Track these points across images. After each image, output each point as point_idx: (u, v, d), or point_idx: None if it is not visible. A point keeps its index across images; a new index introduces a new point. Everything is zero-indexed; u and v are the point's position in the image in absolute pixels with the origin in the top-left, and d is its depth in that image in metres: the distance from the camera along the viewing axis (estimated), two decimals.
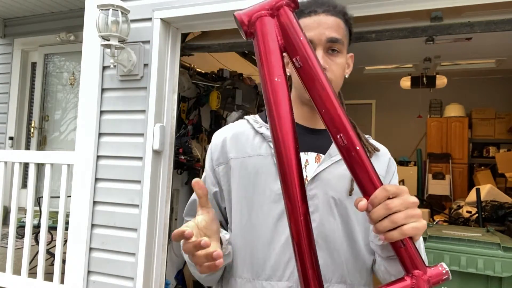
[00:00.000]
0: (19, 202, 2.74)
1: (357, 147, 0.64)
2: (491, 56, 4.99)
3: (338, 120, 0.65)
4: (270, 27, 0.67)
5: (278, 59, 0.67)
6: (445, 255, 2.12)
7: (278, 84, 0.66)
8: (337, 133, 0.65)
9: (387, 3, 1.96)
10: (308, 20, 0.87)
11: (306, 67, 0.67)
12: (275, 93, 0.67)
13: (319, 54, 0.85)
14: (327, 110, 0.66)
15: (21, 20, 4.86)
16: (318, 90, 0.67)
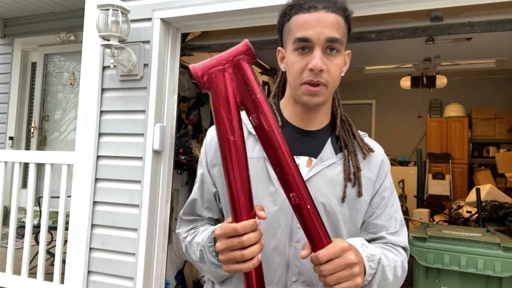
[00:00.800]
0: (19, 202, 2.74)
1: (308, 206, 0.69)
2: (491, 56, 4.98)
3: (291, 179, 0.68)
4: (226, 84, 0.66)
5: (234, 117, 0.66)
6: (445, 255, 2.12)
7: (233, 143, 0.66)
8: (289, 192, 0.69)
9: (387, 3, 1.96)
10: (307, 17, 0.82)
11: (261, 125, 0.67)
12: (230, 153, 0.67)
13: (317, 55, 0.81)
14: (281, 169, 0.68)
15: (21, 20, 4.85)
16: (273, 149, 0.68)
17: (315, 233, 0.69)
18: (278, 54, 0.94)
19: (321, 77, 0.82)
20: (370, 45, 4.10)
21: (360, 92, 7.32)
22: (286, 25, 0.88)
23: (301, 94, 0.85)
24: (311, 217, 0.68)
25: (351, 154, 0.90)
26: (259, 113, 0.66)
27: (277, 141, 0.67)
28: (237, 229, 0.68)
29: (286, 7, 0.88)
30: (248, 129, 0.91)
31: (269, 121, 0.67)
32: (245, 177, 0.68)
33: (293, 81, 0.87)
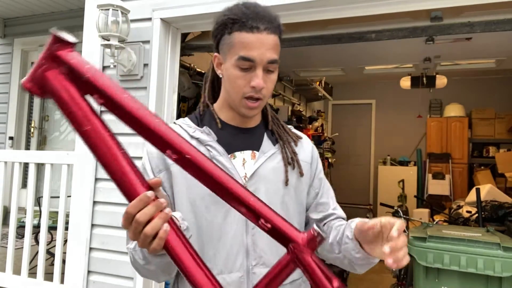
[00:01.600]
0: (19, 202, 2.74)
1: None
2: (491, 56, 4.98)
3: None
4: (56, 81, 0.60)
5: (80, 108, 0.60)
6: (445, 255, 2.12)
7: (89, 132, 0.61)
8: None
9: (387, 3, 1.96)
10: (251, 37, 0.88)
11: (110, 103, 0.62)
12: (91, 142, 0.61)
13: (259, 74, 0.89)
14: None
15: (21, 20, 4.86)
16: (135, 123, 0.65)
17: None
18: (214, 59, 0.99)
19: (261, 93, 0.92)
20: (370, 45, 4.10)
21: (360, 92, 7.33)
22: (227, 37, 0.92)
23: (241, 107, 0.94)
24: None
25: (285, 143, 1.02)
26: (99, 90, 0.59)
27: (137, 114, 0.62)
28: (129, 211, 0.63)
29: (226, 18, 0.91)
30: (190, 134, 0.96)
31: (116, 93, 0.60)
32: (117, 156, 0.63)
33: (234, 94, 0.93)
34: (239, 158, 0.97)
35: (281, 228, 0.63)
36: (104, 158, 0.62)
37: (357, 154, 7.44)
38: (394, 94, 6.89)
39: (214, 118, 0.99)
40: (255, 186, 0.93)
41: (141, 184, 0.63)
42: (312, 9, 2.05)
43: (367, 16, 2.06)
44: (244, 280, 0.91)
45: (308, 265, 0.61)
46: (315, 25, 2.32)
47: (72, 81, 0.59)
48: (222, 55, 0.95)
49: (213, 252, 0.91)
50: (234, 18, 0.90)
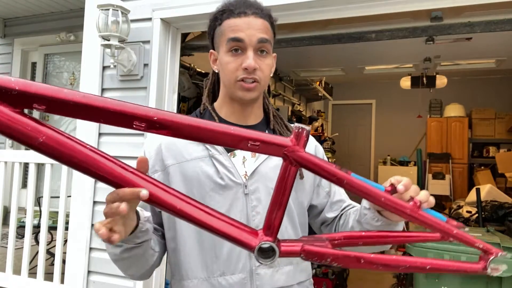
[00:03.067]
0: (19, 202, 2.74)
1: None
2: (491, 56, 4.99)
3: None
4: None
5: (24, 123, 0.53)
6: (445, 255, 2.13)
7: (46, 141, 0.54)
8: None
9: (387, 3, 1.96)
10: (238, 21, 0.90)
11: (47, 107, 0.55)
12: (52, 150, 0.55)
13: (250, 55, 0.88)
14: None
15: (21, 20, 4.85)
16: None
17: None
18: (210, 56, 1.01)
19: (255, 74, 0.90)
20: (370, 45, 4.10)
21: (360, 92, 7.33)
22: (218, 28, 0.95)
23: (237, 90, 0.92)
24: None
25: None
26: (35, 96, 0.53)
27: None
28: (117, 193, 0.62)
29: (216, 12, 0.95)
30: None
31: (55, 92, 0.53)
32: (88, 153, 0.57)
33: (228, 80, 0.93)
34: (239, 156, 0.95)
35: (269, 141, 0.62)
36: (75, 159, 0.56)
37: (357, 154, 7.44)
38: (394, 94, 6.89)
39: (213, 116, 0.98)
40: (255, 185, 0.92)
41: (126, 170, 0.60)
42: (312, 9, 2.05)
43: (367, 16, 2.05)
44: (248, 282, 0.89)
45: (304, 158, 0.62)
46: (315, 25, 2.32)
47: (4, 102, 0.52)
48: (216, 49, 0.97)
49: (214, 254, 0.90)
50: (223, 9, 0.93)
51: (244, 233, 0.63)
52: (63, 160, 0.56)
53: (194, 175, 0.91)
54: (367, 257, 0.63)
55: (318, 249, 0.63)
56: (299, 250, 0.62)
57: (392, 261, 0.64)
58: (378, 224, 0.84)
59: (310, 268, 1.03)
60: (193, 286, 0.91)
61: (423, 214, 0.66)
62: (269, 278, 0.90)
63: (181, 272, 0.93)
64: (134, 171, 0.62)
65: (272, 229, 0.64)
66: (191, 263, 0.91)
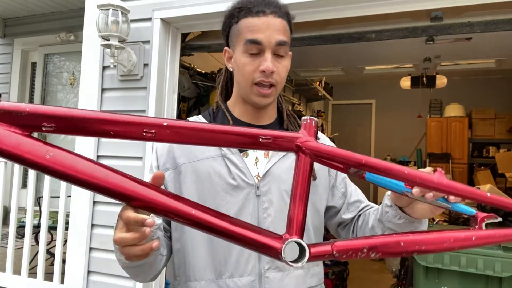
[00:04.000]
0: (19, 202, 2.74)
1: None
2: (491, 56, 4.99)
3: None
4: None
5: (32, 143, 0.52)
6: (445, 255, 2.12)
7: (54, 157, 0.53)
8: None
9: (387, 3, 1.96)
10: (257, 21, 0.87)
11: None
12: (59, 167, 0.54)
13: (268, 57, 0.86)
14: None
15: (21, 20, 4.85)
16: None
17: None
18: (224, 54, 0.97)
19: (272, 78, 0.87)
20: (370, 45, 4.10)
21: (360, 92, 7.32)
22: (234, 26, 0.91)
23: (252, 95, 0.90)
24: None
25: None
26: (44, 115, 0.53)
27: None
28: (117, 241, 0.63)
29: (233, 9, 0.92)
30: None
31: (64, 111, 0.53)
32: (98, 167, 0.57)
33: (244, 82, 0.90)
34: (252, 157, 0.93)
35: (280, 136, 0.62)
36: (84, 174, 0.55)
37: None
38: (394, 94, 6.89)
39: (227, 115, 0.96)
40: (267, 186, 0.90)
41: (138, 183, 0.57)
42: (312, 9, 2.05)
43: (367, 16, 2.05)
44: (256, 285, 0.88)
45: (317, 147, 0.61)
46: (315, 25, 2.32)
47: (12, 124, 0.52)
48: (232, 47, 0.94)
49: (223, 255, 0.88)
50: (240, 7, 0.90)
51: (266, 237, 0.59)
52: (70, 178, 0.55)
53: (205, 175, 0.90)
54: (407, 239, 0.59)
55: (351, 242, 0.59)
56: (331, 249, 0.59)
57: (436, 239, 0.60)
58: (401, 222, 0.82)
59: (322, 273, 1.01)
60: (200, 287, 0.89)
61: (451, 183, 0.61)
62: (278, 282, 0.88)
63: (187, 273, 0.91)
64: (151, 186, 0.58)
65: (297, 227, 0.60)
66: (199, 264, 0.89)
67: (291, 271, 0.90)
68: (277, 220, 0.89)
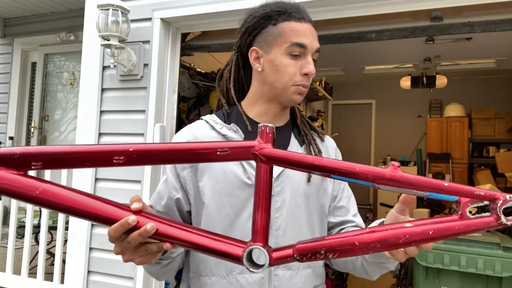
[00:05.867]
0: (19, 202, 2.74)
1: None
2: (491, 56, 4.99)
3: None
4: None
5: (21, 182, 0.59)
6: (445, 255, 2.12)
7: (42, 193, 0.60)
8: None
9: (387, 3, 1.96)
10: (300, 26, 0.91)
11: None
12: (49, 200, 0.60)
13: (311, 61, 0.92)
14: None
15: (21, 20, 4.86)
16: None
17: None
18: (251, 54, 0.96)
19: (309, 81, 0.93)
20: (370, 45, 4.11)
21: (360, 92, 7.32)
22: (271, 28, 0.92)
23: (291, 94, 0.93)
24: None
25: (311, 141, 1.00)
26: (33, 155, 0.60)
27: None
28: (110, 234, 0.63)
29: (270, 11, 0.92)
30: (217, 130, 0.95)
31: (49, 148, 0.61)
32: (85, 198, 0.62)
33: (282, 82, 0.92)
34: None
35: (237, 146, 0.64)
36: (73, 206, 0.60)
37: (357, 154, 7.44)
38: (394, 94, 6.88)
39: (242, 115, 0.96)
40: (281, 187, 0.92)
41: (122, 210, 0.63)
42: (312, 9, 2.05)
43: (367, 16, 2.06)
44: (266, 282, 0.89)
45: (272, 153, 0.63)
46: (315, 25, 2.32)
47: (8, 166, 0.60)
48: (264, 47, 0.93)
49: None
50: (279, 10, 0.92)
51: (229, 244, 0.62)
52: (60, 208, 0.60)
53: (221, 173, 0.91)
54: (361, 238, 0.60)
55: (310, 244, 0.61)
56: (292, 252, 0.61)
57: (390, 235, 0.60)
58: (369, 257, 0.86)
59: (324, 274, 1.04)
60: (211, 283, 0.91)
61: (404, 176, 0.60)
62: (287, 280, 0.91)
63: (200, 268, 0.93)
64: (120, 206, 0.63)
65: (260, 233, 0.62)
66: (210, 260, 0.91)
67: (300, 270, 0.92)
68: (289, 220, 0.91)
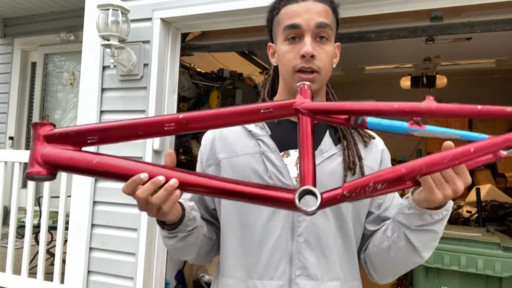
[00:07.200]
0: (19, 202, 2.74)
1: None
2: (491, 56, 4.98)
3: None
4: (55, 152, 0.66)
5: (82, 155, 0.66)
6: (445, 255, 2.12)
7: (99, 162, 0.66)
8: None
9: (387, 3, 1.96)
10: (295, 6, 0.84)
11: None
12: (104, 168, 0.65)
13: (308, 41, 0.82)
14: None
15: (21, 20, 4.86)
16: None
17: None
18: (269, 50, 0.95)
19: (313, 64, 0.82)
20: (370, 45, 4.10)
21: (360, 92, 7.31)
22: (276, 18, 0.89)
23: (294, 83, 0.83)
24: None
25: (350, 143, 0.90)
26: (88, 132, 0.67)
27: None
28: (124, 190, 0.67)
29: (274, 2, 0.90)
30: (244, 126, 0.92)
31: (101, 125, 0.68)
32: (132, 162, 0.67)
33: (285, 71, 0.87)
34: (293, 157, 0.87)
35: (278, 105, 0.68)
36: (119, 170, 0.66)
37: None
38: (394, 94, 6.86)
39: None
40: None
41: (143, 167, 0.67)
42: None
43: (367, 16, 2.05)
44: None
45: (313, 105, 0.68)
46: None
47: (66, 143, 0.66)
48: (274, 40, 0.91)
49: (254, 255, 0.86)
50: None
51: (279, 191, 0.65)
52: (111, 175, 0.66)
53: (242, 171, 0.87)
54: (407, 164, 0.62)
55: (358, 180, 0.64)
56: (341, 191, 0.64)
57: (435, 159, 0.63)
58: (410, 212, 0.75)
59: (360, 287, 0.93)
60: (228, 285, 0.89)
61: (439, 106, 0.64)
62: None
63: (221, 268, 0.92)
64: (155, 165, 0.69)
65: (308, 176, 0.65)
66: (230, 261, 0.89)
67: (324, 282, 0.84)
68: (313, 226, 0.84)
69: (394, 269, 0.89)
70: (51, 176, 0.65)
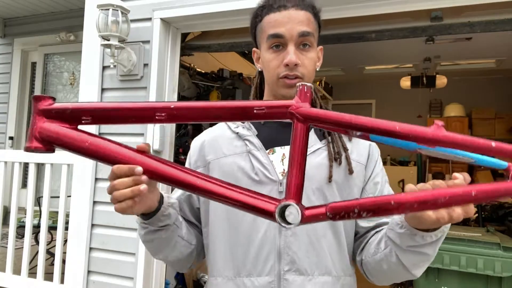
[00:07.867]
0: (19, 202, 2.74)
1: None
2: (491, 56, 4.99)
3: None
4: (52, 127, 0.67)
5: (76, 134, 0.67)
6: (445, 255, 2.12)
7: (90, 145, 0.67)
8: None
9: (387, 3, 1.96)
10: (277, 15, 0.86)
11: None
12: (94, 151, 0.66)
13: (291, 50, 0.84)
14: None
15: (21, 20, 4.86)
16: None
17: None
18: (253, 55, 0.97)
19: (297, 71, 0.86)
20: (370, 45, 4.11)
21: (360, 92, 7.32)
22: (259, 25, 0.91)
23: (279, 88, 0.88)
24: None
25: (334, 136, 0.92)
26: (83, 111, 0.68)
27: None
28: (113, 170, 0.67)
29: (257, 8, 0.92)
30: (232, 129, 0.95)
31: (96, 104, 0.69)
32: (119, 147, 0.68)
33: (270, 78, 0.90)
34: (278, 153, 0.90)
35: (273, 105, 0.64)
36: (110, 155, 0.67)
37: None
38: (394, 94, 6.88)
39: None
40: None
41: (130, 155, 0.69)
42: None
43: (367, 16, 2.05)
44: (275, 286, 0.84)
45: (310, 112, 0.62)
46: None
47: (63, 121, 0.67)
48: (258, 46, 0.94)
49: (242, 253, 0.87)
50: (263, 5, 0.90)
51: (262, 201, 0.63)
52: (101, 158, 0.67)
53: (230, 171, 0.90)
54: (397, 197, 0.56)
55: (344, 203, 0.60)
56: (325, 210, 0.60)
57: (429, 196, 0.56)
58: (401, 231, 0.74)
59: (355, 286, 0.93)
60: (216, 284, 0.90)
61: (448, 135, 0.57)
62: (298, 286, 0.83)
63: (210, 268, 0.93)
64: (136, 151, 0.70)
65: (294, 191, 0.62)
66: (219, 261, 0.90)
67: (315, 277, 0.85)
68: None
69: (388, 279, 0.89)
70: (49, 151, 0.67)
